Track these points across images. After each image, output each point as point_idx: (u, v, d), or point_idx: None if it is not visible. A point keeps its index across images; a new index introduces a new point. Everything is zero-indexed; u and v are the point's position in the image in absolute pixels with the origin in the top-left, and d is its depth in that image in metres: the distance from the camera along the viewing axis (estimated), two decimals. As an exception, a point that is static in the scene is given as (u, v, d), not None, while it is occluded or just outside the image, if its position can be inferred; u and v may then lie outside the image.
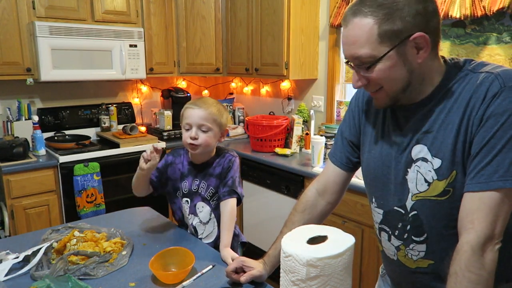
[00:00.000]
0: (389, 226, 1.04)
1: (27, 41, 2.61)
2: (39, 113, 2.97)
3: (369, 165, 1.07)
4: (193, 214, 1.50)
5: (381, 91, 0.93)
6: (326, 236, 0.85)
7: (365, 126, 1.11)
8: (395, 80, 0.90)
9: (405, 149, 0.97)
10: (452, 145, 0.89)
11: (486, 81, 0.86)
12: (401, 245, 1.02)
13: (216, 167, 1.48)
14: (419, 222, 0.96)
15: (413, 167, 0.95)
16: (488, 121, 0.84)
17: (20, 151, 2.51)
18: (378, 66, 0.88)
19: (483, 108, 0.84)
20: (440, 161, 0.90)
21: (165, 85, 3.62)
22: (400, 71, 0.88)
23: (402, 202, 0.98)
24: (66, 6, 2.72)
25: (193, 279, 1.18)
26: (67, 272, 1.16)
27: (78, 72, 2.77)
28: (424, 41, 0.86)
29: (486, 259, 0.83)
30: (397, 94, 0.92)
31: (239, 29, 3.10)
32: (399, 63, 0.87)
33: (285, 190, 2.55)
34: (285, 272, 0.83)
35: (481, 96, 0.85)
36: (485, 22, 2.05)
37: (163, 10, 3.18)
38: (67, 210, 2.64)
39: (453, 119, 0.89)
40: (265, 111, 3.48)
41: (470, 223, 0.84)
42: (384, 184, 1.03)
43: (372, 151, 1.07)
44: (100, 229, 1.44)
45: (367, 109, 1.11)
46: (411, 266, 1.02)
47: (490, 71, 0.88)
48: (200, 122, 1.41)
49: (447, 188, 0.90)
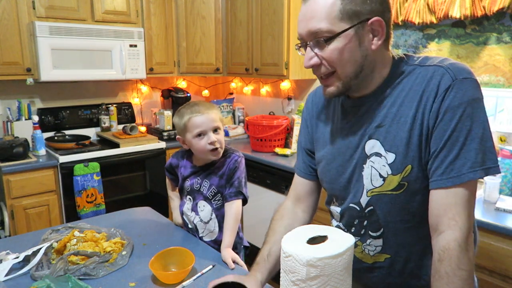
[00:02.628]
0: (345, 224, 1.04)
1: (27, 41, 2.61)
2: (39, 113, 2.97)
3: (324, 167, 1.07)
4: (195, 212, 1.50)
5: (333, 76, 0.92)
6: (326, 236, 0.85)
7: (317, 131, 1.11)
8: (349, 62, 0.89)
9: (358, 145, 0.97)
10: (406, 139, 0.89)
11: (436, 75, 0.86)
12: (358, 241, 1.02)
13: (221, 167, 1.46)
14: (376, 217, 0.97)
15: (368, 163, 0.95)
16: (446, 115, 0.84)
17: (20, 151, 2.51)
18: (335, 43, 0.87)
19: (438, 102, 0.85)
20: (394, 156, 0.90)
21: (165, 85, 3.62)
22: (354, 53, 0.88)
23: (357, 199, 0.98)
24: (66, 6, 2.72)
25: (193, 279, 1.18)
26: (67, 272, 1.16)
27: (78, 72, 2.77)
28: (380, 27, 0.87)
29: (470, 253, 0.84)
30: (349, 80, 0.91)
31: (239, 29, 3.10)
32: (355, 45, 0.87)
33: (285, 190, 2.55)
34: (285, 272, 0.83)
35: (434, 90, 0.86)
36: (485, 22, 2.05)
37: (163, 10, 3.18)
38: (67, 210, 2.64)
39: (406, 112, 0.89)
40: (265, 111, 3.48)
41: (452, 220, 0.84)
42: (340, 184, 1.03)
43: (325, 152, 1.06)
44: (100, 229, 1.44)
45: (318, 112, 1.11)
46: (368, 262, 1.03)
47: (438, 64, 0.88)
48: (213, 125, 1.41)
49: (401, 182, 0.90)
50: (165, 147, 3.04)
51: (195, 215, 1.50)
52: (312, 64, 0.92)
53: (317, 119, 1.11)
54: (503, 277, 1.57)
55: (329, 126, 1.06)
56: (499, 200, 1.76)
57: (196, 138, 1.41)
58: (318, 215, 2.35)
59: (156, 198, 3.02)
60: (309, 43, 0.90)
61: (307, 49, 0.92)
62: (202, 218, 1.49)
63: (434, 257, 0.86)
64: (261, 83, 3.50)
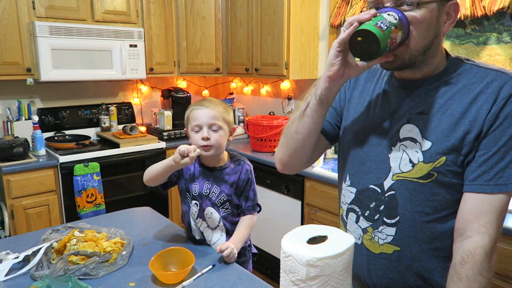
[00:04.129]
0: (360, 206, 1.01)
1: (27, 41, 2.61)
2: (39, 113, 2.97)
3: (348, 140, 1.05)
4: (201, 219, 1.44)
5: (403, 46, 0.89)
6: (326, 236, 0.85)
7: (351, 99, 1.08)
8: (424, 35, 0.87)
9: (393, 126, 0.96)
10: (447, 131, 0.88)
11: (499, 79, 0.86)
12: (368, 227, 0.99)
13: (231, 175, 1.43)
14: (395, 203, 0.94)
15: (398, 146, 0.94)
16: (506, 120, 0.84)
17: (20, 151, 2.51)
18: (420, 10, 0.85)
19: (499, 106, 0.84)
20: (430, 144, 0.89)
21: (165, 85, 3.62)
22: (431, 28, 0.88)
23: (380, 181, 0.96)
24: (66, 6, 2.72)
25: (193, 279, 1.18)
26: (67, 272, 1.16)
27: (78, 72, 2.77)
28: (454, 12, 0.89)
29: (492, 262, 0.84)
30: (418, 54, 0.89)
31: (239, 29, 3.10)
32: (434, 19, 0.87)
33: (285, 190, 2.55)
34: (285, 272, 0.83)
35: (495, 92, 0.85)
36: (485, 22, 2.05)
37: (163, 10, 3.18)
38: (67, 210, 2.64)
39: (454, 106, 0.89)
40: (265, 111, 3.48)
41: (483, 227, 0.84)
42: (361, 160, 1.01)
43: (354, 124, 1.04)
44: (100, 229, 1.43)
45: (358, 82, 1.09)
46: (374, 251, 0.99)
47: (500, 70, 0.88)
48: (210, 121, 1.37)
49: (431, 172, 0.89)
50: (165, 147, 3.04)
51: (202, 222, 1.45)
52: None
53: (354, 89, 1.09)
54: (503, 277, 1.57)
55: (367, 99, 1.04)
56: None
57: (193, 131, 1.40)
58: (318, 215, 2.36)
59: (156, 198, 3.01)
60: (391, 4, 0.87)
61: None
62: (209, 224, 1.44)
63: (456, 260, 0.86)
64: (261, 83, 3.50)
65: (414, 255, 0.95)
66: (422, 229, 0.93)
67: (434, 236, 0.93)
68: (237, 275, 1.22)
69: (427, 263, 0.95)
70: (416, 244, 0.94)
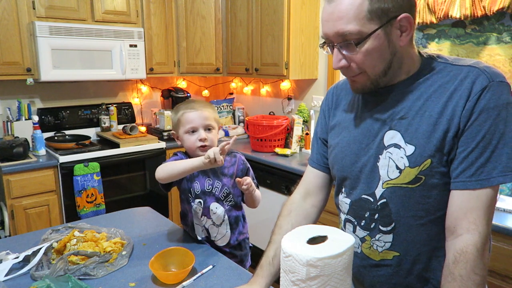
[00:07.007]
0: (355, 216, 1.02)
1: (27, 41, 2.61)
2: (39, 113, 2.97)
3: (337, 154, 1.05)
4: (206, 216, 1.45)
5: (362, 74, 0.91)
6: (326, 236, 0.85)
7: (334, 119, 1.09)
8: (379, 61, 0.88)
9: (377, 134, 0.96)
10: (428, 133, 0.88)
11: (471, 75, 0.86)
12: (366, 236, 1.00)
13: (229, 167, 1.48)
14: (388, 211, 0.95)
15: (384, 154, 0.94)
16: (480, 115, 0.83)
17: (20, 151, 2.51)
18: (365, 46, 0.86)
19: (473, 101, 0.84)
20: (413, 148, 0.89)
21: (165, 85, 3.62)
22: (385, 52, 0.87)
23: (371, 190, 0.97)
24: (66, 6, 2.72)
25: (193, 279, 1.18)
26: (67, 272, 1.16)
27: (78, 72, 2.77)
28: (408, 24, 0.87)
29: (485, 259, 0.84)
30: (379, 78, 0.91)
31: (239, 29, 3.10)
32: (385, 44, 0.87)
33: (285, 190, 2.55)
34: (285, 272, 0.83)
35: (468, 88, 0.85)
36: (485, 22, 2.05)
37: (163, 10, 3.18)
38: (67, 210, 2.64)
39: (432, 107, 0.88)
40: (265, 111, 3.48)
41: (473, 224, 0.83)
42: (352, 172, 1.01)
43: (340, 139, 1.05)
44: (100, 229, 1.44)
45: (338, 101, 1.10)
46: (375, 259, 1.00)
47: (473, 65, 0.88)
48: (205, 122, 1.43)
49: (419, 176, 0.89)
50: (165, 147, 3.04)
51: (206, 219, 1.45)
52: (341, 66, 0.91)
53: (336, 109, 1.10)
54: (503, 277, 1.57)
55: (349, 114, 1.05)
56: (499, 200, 1.76)
57: (187, 134, 1.44)
58: (318, 215, 2.36)
59: (156, 198, 3.01)
60: (337, 44, 0.89)
61: (335, 51, 0.91)
62: (214, 220, 1.45)
63: (449, 259, 0.85)
64: (261, 83, 3.50)
65: (414, 258, 0.96)
66: (419, 232, 0.93)
67: (430, 237, 0.93)
68: (237, 275, 1.22)
69: (427, 263, 0.96)
70: (414, 247, 0.95)
